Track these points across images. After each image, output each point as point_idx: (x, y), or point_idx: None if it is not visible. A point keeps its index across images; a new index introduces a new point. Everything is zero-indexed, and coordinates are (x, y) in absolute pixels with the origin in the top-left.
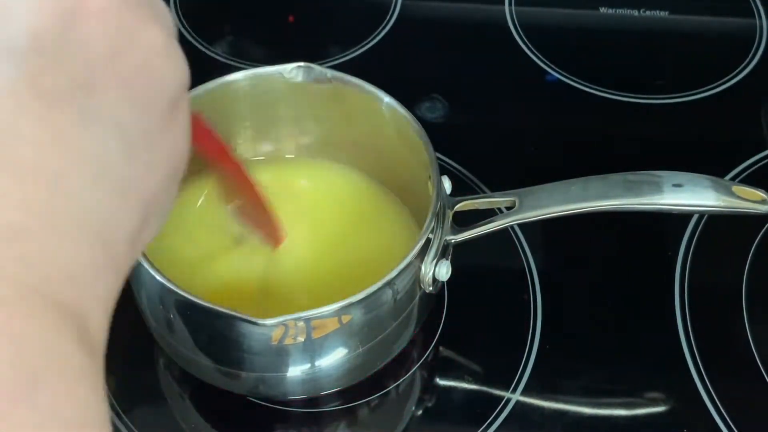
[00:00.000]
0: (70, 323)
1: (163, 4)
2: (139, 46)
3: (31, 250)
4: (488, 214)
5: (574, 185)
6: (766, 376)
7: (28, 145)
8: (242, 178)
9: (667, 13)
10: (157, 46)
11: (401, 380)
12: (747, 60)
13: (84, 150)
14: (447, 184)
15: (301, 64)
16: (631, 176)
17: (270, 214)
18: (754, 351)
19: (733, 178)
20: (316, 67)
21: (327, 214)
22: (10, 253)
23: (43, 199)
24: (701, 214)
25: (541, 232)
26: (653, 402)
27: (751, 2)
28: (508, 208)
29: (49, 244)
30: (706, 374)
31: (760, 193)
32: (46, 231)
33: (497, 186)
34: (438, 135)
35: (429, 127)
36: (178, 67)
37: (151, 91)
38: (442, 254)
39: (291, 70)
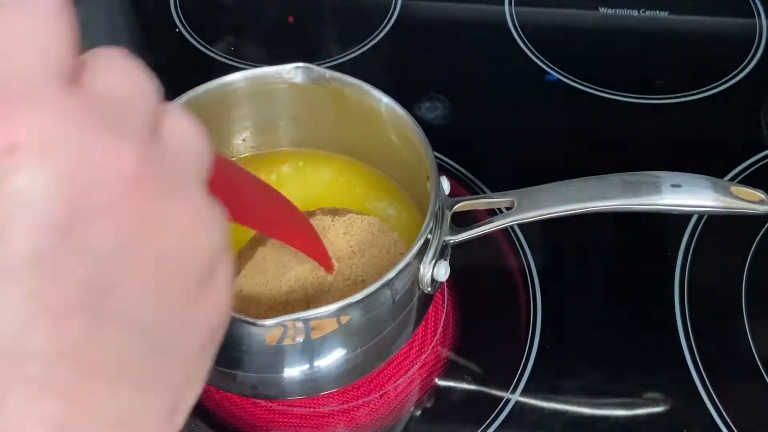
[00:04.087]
0: None
1: (197, 143)
2: (159, 231)
3: None
4: (487, 215)
5: (573, 186)
6: (766, 376)
7: (36, 362)
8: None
9: (667, 13)
10: (182, 222)
11: (400, 380)
12: (747, 60)
13: (97, 357)
14: (446, 185)
15: (301, 64)
16: (629, 177)
17: (318, 244)
18: (754, 351)
19: (732, 179)
20: (315, 68)
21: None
22: None
23: (57, 413)
24: (700, 215)
25: (541, 232)
26: (653, 402)
27: (751, 2)
28: (507, 209)
29: None
30: (706, 374)
31: (758, 194)
32: None
33: (496, 186)
34: (438, 135)
35: (428, 127)
36: (209, 232)
37: (176, 273)
38: (441, 255)
39: (290, 71)
